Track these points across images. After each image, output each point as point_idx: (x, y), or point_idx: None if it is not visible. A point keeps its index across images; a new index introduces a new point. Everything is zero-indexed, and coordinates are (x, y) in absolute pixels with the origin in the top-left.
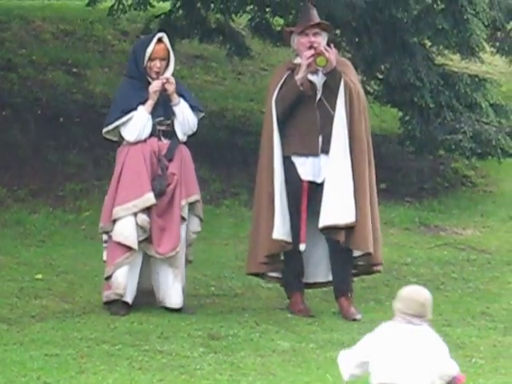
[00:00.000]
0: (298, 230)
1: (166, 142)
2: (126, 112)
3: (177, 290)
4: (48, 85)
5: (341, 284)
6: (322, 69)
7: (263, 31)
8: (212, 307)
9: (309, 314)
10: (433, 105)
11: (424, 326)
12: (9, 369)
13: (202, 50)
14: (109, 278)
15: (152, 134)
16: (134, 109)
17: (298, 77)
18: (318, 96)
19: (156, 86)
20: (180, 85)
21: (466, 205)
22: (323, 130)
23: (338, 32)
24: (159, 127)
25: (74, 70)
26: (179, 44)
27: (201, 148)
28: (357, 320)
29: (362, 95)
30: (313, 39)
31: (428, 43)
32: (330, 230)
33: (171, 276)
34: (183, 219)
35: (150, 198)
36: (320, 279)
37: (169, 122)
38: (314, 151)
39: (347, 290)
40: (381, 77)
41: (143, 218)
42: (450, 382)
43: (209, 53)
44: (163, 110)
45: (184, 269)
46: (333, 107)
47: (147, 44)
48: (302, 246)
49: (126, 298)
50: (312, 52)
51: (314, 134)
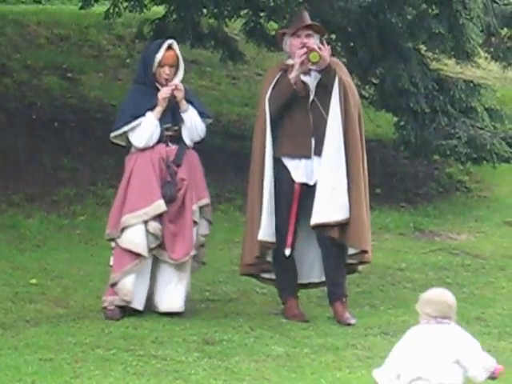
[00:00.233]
0: (287, 234)
1: (173, 147)
2: (134, 117)
3: (180, 293)
4: (43, 89)
5: (335, 289)
6: (315, 66)
7: (258, 36)
8: (207, 312)
9: (303, 319)
10: (428, 110)
11: (452, 324)
12: (3, 373)
13: (197, 55)
14: (114, 284)
15: (160, 140)
16: (143, 115)
17: (292, 75)
18: (311, 97)
19: (165, 92)
20: (189, 91)
21: (461, 210)
22: (316, 132)
23: (332, 37)
24: (166, 133)
25: (69, 75)
26: None
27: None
28: (351, 325)
29: (355, 92)
30: (305, 40)
31: (423, 48)
32: (323, 228)
33: (175, 280)
34: (195, 223)
35: (160, 205)
36: (314, 279)
37: (176, 128)
38: (307, 153)
39: (342, 295)
40: (376, 82)
41: (155, 226)
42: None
43: (203, 57)
44: (171, 117)
45: (189, 273)
46: (326, 109)
47: (157, 50)
48: (287, 251)
49: (135, 305)
50: (305, 50)
51: (306, 136)
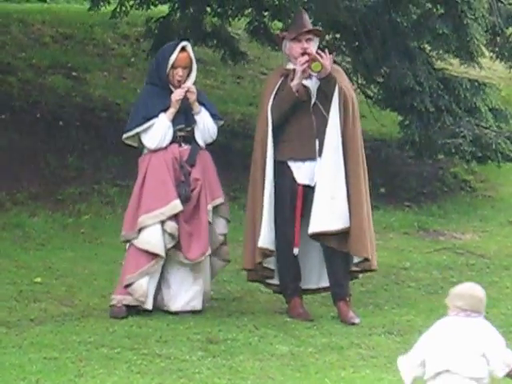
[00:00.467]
0: (292, 234)
1: (186, 147)
2: (147, 119)
3: (196, 293)
4: (47, 88)
5: (339, 288)
6: (316, 74)
7: (261, 35)
8: (211, 311)
9: (308, 318)
10: (432, 109)
11: (481, 318)
12: (8, 372)
13: (202, 54)
14: (130, 284)
15: (172, 141)
16: (156, 116)
17: (294, 83)
18: (313, 100)
19: (179, 94)
20: (201, 93)
21: (465, 209)
22: (319, 134)
23: (337, 36)
24: (179, 134)
25: (74, 74)
26: None
27: None
28: (355, 324)
29: (355, 101)
30: (305, 45)
31: (428, 47)
32: (321, 237)
33: (190, 280)
34: (209, 223)
35: (176, 204)
36: (312, 286)
37: (189, 129)
38: (312, 155)
39: (346, 294)
40: (380, 81)
41: (172, 225)
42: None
43: (208, 57)
44: (184, 118)
45: (209, 272)
46: (327, 111)
47: (171, 52)
48: (295, 250)
49: (147, 306)
50: (306, 58)
51: (310, 139)
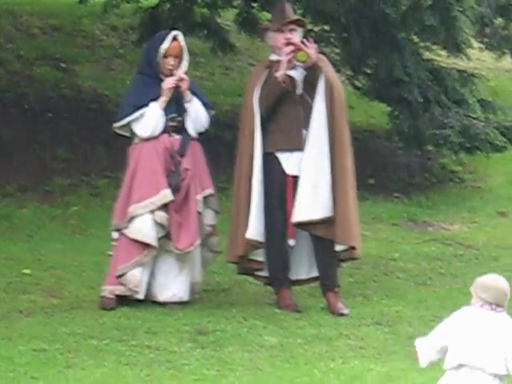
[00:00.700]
0: (283, 226)
1: (177, 137)
2: (138, 107)
3: (182, 283)
4: (36, 80)
5: (327, 279)
6: (302, 64)
7: (250, 26)
8: (199, 302)
9: (296, 310)
10: (421, 100)
11: (504, 313)
12: None
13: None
14: (122, 275)
15: (163, 131)
16: (146, 105)
17: (279, 74)
18: (299, 91)
19: (170, 82)
20: (193, 82)
21: (454, 200)
22: (307, 125)
23: (326, 27)
24: (170, 123)
25: (62, 65)
26: None
27: None
28: (344, 315)
29: (341, 90)
30: (289, 35)
31: (416, 39)
32: (306, 226)
33: (176, 270)
34: (198, 213)
35: (167, 194)
36: (302, 276)
37: (180, 119)
38: (300, 146)
39: (334, 285)
40: (369, 72)
41: (162, 215)
42: None
43: (197, 48)
44: (175, 107)
45: (199, 263)
46: (313, 101)
47: (162, 41)
48: (291, 242)
49: (140, 295)
50: (292, 48)
51: (297, 129)
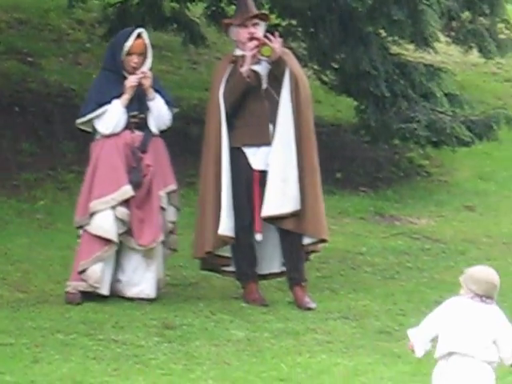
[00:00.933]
0: (251, 220)
1: (139, 134)
2: (100, 105)
3: (149, 280)
4: (2, 74)
5: (294, 273)
6: (266, 58)
7: (219, 20)
8: (167, 297)
9: (263, 304)
10: (388, 94)
11: (494, 305)
12: None
13: (157, 40)
14: (83, 271)
15: (126, 127)
16: (109, 102)
17: (244, 69)
18: (264, 85)
19: (133, 80)
20: (156, 80)
21: (421, 194)
22: (273, 119)
23: (293, 22)
24: (132, 120)
25: (29, 59)
26: None
27: None
28: (311, 309)
29: (306, 83)
30: (252, 30)
31: (383, 33)
32: (276, 220)
33: (143, 266)
34: (163, 209)
35: (127, 190)
36: (275, 270)
37: (143, 116)
38: (266, 140)
39: (301, 280)
40: (336, 66)
41: (123, 211)
42: None
43: (163, 42)
44: (138, 105)
45: (162, 259)
46: (279, 95)
47: (126, 38)
48: (258, 236)
49: (103, 291)
50: (256, 43)
51: (264, 124)
